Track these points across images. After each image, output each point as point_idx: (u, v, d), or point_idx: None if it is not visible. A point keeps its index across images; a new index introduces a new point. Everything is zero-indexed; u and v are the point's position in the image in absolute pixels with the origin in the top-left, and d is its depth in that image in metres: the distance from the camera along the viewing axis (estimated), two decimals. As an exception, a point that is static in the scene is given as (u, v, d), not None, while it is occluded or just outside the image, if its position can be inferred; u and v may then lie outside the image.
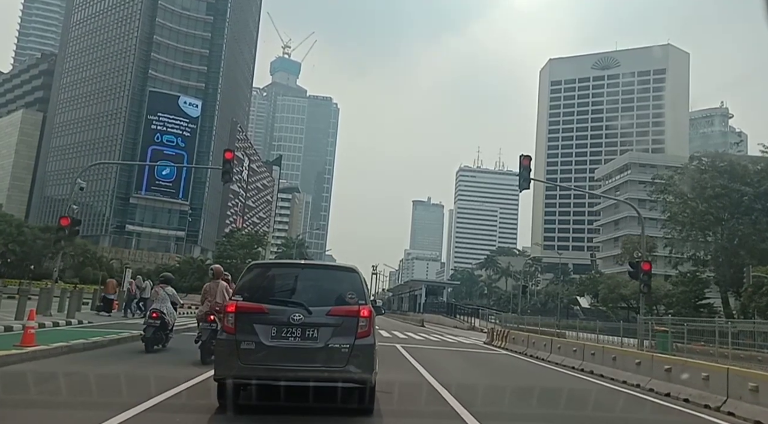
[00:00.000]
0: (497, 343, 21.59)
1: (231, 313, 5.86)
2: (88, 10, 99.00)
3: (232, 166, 20.11)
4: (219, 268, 10.81)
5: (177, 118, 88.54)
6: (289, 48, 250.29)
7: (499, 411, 7.41)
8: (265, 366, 5.64)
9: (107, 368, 8.82)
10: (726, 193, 41.68)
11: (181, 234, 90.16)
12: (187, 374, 7.77)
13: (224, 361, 5.78)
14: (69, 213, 22.40)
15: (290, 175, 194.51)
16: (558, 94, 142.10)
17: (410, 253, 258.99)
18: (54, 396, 6.55)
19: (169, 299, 11.87)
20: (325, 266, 7.68)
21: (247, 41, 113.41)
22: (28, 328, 9.87)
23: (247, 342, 5.66)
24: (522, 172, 18.65)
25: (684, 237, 45.49)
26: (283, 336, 5.73)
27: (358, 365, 5.72)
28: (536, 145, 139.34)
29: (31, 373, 7.78)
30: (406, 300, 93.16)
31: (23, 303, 14.65)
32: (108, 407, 5.65)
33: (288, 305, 5.88)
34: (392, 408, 6.80)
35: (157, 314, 11.31)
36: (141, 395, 6.37)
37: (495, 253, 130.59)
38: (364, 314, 5.91)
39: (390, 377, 8.32)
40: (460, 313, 51.59)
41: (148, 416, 5.66)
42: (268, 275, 6.52)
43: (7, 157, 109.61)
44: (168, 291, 11.97)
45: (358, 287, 6.17)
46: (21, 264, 58.13)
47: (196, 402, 6.18)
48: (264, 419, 5.97)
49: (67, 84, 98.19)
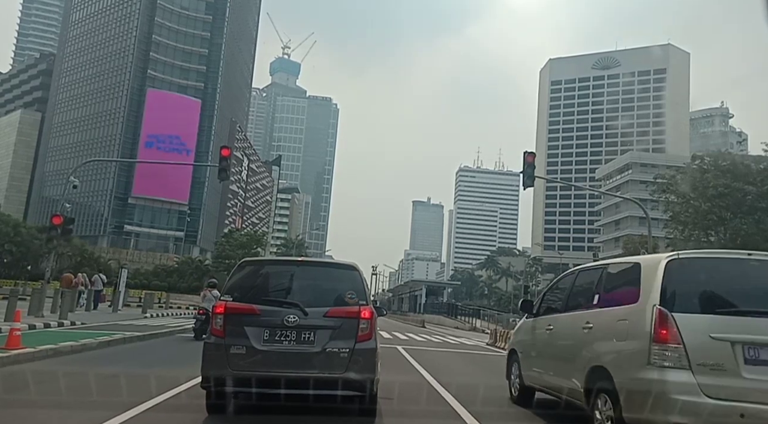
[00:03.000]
0: (500, 344, 21.19)
1: (220, 314, 5.42)
2: (86, 10, 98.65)
3: (229, 164, 19.70)
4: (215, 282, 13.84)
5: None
6: (288, 48, 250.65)
7: (500, 411, 7.30)
8: (257, 373, 5.20)
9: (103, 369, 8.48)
10: (729, 192, 41.30)
11: (180, 234, 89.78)
12: (188, 374, 7.49)
13: (212, 367, 5.31)
14: (62, 212, 21.99)
15: (290, 175, 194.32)
16: (558, 94, 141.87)
17: (410, 253, 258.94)
18: (50, 397, 6.41)
19: (214, 300, 13.56)
20: (323, 263, 7.17)
21: (247, 41, 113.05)
22: (13, 330, 9.48)
23: (237, 346, 5.23)
24: (526, 170, 18.22)
25: (686, 237, 45.09)
26: (276, 340, 5.30)
27: (358, 371, 5.28)
28: (536, 145, 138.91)
29: (19, 374, 7.63)
30: (406, 301, 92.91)
31: (13, 304, 14.20)
32: (108, 407, 5.53)
33: (282, 305, 5.45)
34: (392, 408, 6.59)
35: (203, 311, 14.56)
36: (141, 395, 6.25)
37: (495, 253, 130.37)
38: (365, 316, 5.47)
39: (391, 379, 8.02)
40: (461, 314, 51.23)
41: (148, 416, 5.50)
42: (260, 273, 6.07)
43: (5, 158, 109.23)
44: (213, 294, 14.91)
45: (359, 286, 5.73)
46: (18, 264, 57.75)
47: (196, 402, 5.86)
48: (264, 419, 5.76)
49: (66, 84, 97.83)
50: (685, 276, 4.89)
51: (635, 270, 5.32)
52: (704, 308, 4.73)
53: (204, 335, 12.20)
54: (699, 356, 4.48)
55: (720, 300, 4.83)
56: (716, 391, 4.39)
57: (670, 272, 4.86)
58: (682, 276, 4.87)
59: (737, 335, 4.54)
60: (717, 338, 4.51)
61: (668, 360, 4.52)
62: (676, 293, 4.77)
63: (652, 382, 4.52)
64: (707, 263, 5.20)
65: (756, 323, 4.58)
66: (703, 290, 4.88)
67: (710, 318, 4.65)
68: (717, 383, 4.41)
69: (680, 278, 4.85)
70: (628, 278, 5.38)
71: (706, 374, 4.44)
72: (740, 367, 4.46)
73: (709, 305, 4.76)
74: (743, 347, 4.50)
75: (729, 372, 4.44)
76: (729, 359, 4.47)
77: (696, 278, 4.94)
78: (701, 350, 4.49)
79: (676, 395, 4.40)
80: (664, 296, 4.74)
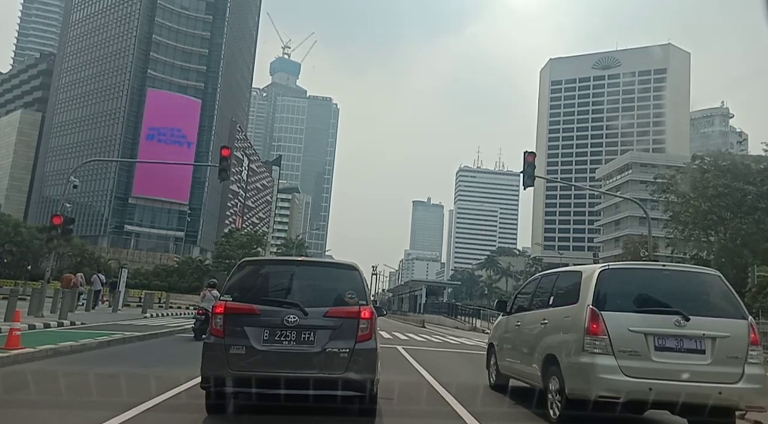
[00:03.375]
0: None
1: (219, 314, 5.40)
2: (86, 10, 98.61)
3: (229, 164, 19.69)
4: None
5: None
6: (288, 48, 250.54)
7: (500, 411, 7.30)
8: (256, 373, 5.19)
9: (103, 369, 8.48)
10: (729, 192, 41.32)
11: (180, 234, 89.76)
12: (187, 374, 7.50)
13: (212, 367, 5.29)
14: (62, 211, 21.99)
15: (290, 175, 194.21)
16: (558, 93, 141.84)
17: (410, 253, 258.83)
18: (50, 397, 6.40)
19: (214, 300, 13.57)
20: (323, 263, 7.13)
21: (247, 41, 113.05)
22: (13, 330, 9.48)
23: (236, 347, 5.22)
24: (526, 169, 18.19)
25: (686, 237, 45.13)
26: (276, 340, 5.29)
27: (358, 372, 5.27)
28: (536, 145, 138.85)
29: (18, 374, 7.61)
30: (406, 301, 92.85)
31: (13, 304, 14.19)
32: (108, 407, 5.52)
33: (282, 305, 5.44)
34: (392, 408, 6.60)
35: (203, 311, 14.49)
36: (141, 395, 6.24)
37: (495, 253, 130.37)
38: (365, 316, 5.46)
39: (391, 379, 8.02)
40: (461, 313, 51.13)
41: (148, 416, 5.49)
42: (260, 273, 6.05)
43: (5, 158, 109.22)
44: (213, 294, 14.86)
45: (359, 285, 5.72)
46: (18, 264, 57.77)
47: (195, 402, 5.85)
48: (264, 419, 5.74)
49: (66, 84, 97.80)
50: (612, 282, 6.18)
51: (577, 277, 6.61)
52: (625, 308, 5.98)
53: (204, 335, 12.34)
54: (620, 344, 5.74)
55: (637, 301, 6.08)
56: (632, 371, 5.64)
57: (602, 279, 6.14)
58: (611, 282, 6.16)
59: (649, 328, 5.80)
60: (634, 331, 5.78)
61: (597, 348, 5.77)
62: (605, 296, 6.02)
63: (586, 365, 5.78)
64: (630, 272, 6.73)
65: (663, 318, 5.83)
66: (625, 293, 6.16)
67: (629, 315, 5.90)
68: (633, 365, 5.66)
69: (609, 284, 6.12)
70: (572, 283, 6.64)
71: (625, 358, 5.69)
72: (651, 352, 5.72)
73: (629, 305, 6.04)
74: (654, 338, 5.77)
75: (642, 357, 5.70)
76: (642, 347, 5.74)
77: (621, 284, 6.28)
78: (622, 340, 5.76)
79: (602, 375, 5.66)
80: (596, 298, 5.99)
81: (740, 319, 6.02)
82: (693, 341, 5.80)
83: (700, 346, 5.79)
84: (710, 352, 5.79)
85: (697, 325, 5.80)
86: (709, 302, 6.22)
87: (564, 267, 8.34)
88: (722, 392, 5.65)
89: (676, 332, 5.77)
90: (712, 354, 5.78)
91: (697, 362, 5.74)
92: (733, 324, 5.95)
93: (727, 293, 6.25)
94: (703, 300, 6.23)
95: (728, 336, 5.86)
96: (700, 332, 5.79)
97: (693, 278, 6.57)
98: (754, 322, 6.18)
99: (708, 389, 5.63)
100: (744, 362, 5.82)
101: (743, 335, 5.92)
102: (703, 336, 5.80)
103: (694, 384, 5.64)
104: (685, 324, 5.78)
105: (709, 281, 6.43)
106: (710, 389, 5.63)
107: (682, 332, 5.77)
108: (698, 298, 6.24)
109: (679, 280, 6.47)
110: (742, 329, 5.94)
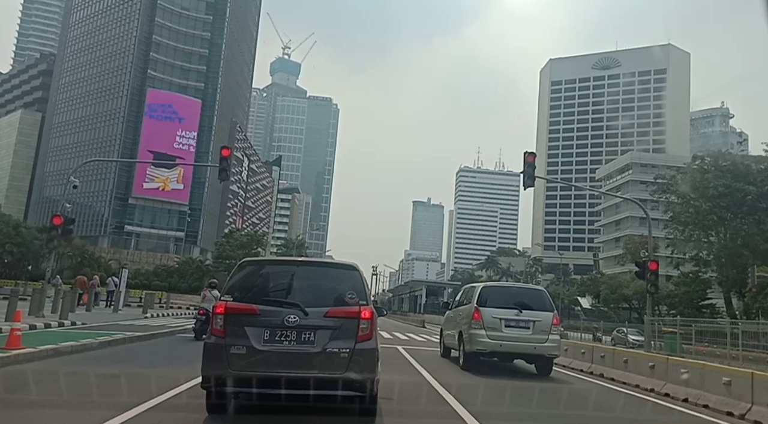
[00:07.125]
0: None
1: (220, 314, 5.40)
2: (87, 10, 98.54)
3: (229, 164, 19.71)
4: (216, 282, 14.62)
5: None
6: (288, 49, 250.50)
7: (500, 411, 7.34)
8: (257, 373, 5.19)
9: (104, 369, 8.47)
10: (729, 192, 41.18)
11: (180, 235, 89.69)
12: (188, 374, 7.52)
13: (212, 367, 5.28)
14: (62, 212, 21.98)
15: (290, 175, 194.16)
16: (558, 94, 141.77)
17: (410, 253, 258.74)
18: (50, 397, 6.40)
19: (214, 300, 13.70)
20: (323, 263, 7.14)
21: (247, 41, 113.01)
22: (14, 330, 9.48)
23: (237, 347, 5.21)
24: (527, 170, 18.20)
25: (686, 237, 44.99)
26: (276, 340, 5.29)
27: (358, 371, 5.27)
28: (537, 145, 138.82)
29: (19, 374, 7.62)
30: (406, 301, 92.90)
31: (14, 304, 14.19)
32: (109, 407, 5.53)
33: (282, 305, 5.43)
34: (392, 408, 6.61)
35: (204, 312, 14.70)
36: (142, 395, 6.25)
37: (495, 253, 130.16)
38: (366, 316, 5.46)
39: (391, 379, 8.05)
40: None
41: (149, 416, 5.50)
42: (261, 273, 6.03)
43: (5, 158, 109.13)
44: (214, 294, 15.14)
45: (359, 286, 5.72)
46: (18, 264, 57.73)
47: (196, 402, 5.86)
48: (264, 419, 5.74)
49: (66, 84, 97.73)
50: (487, 293, 12.01)
51: (473, 289, 12.64)
52: (492, 305, 11.59)
53: (204, 335, 12.35)
54: (488, 323, 11.35)
55: (498, 302, 11.73)
56: (493, 337, 11.24)
57: (482, 291, 12.07)
58: (486, 293, 11.98)
59: (502, 316, 11.39)
60: (495, 317, 11.38)
61: (476, 326, 11.43)
62: (484, 299, 11.75)
63: (472, 334, 11.47)
64: (497, 287, 14.43)
65: (509, 311, 11.44)
66: (493, 298, 11.82)
67: (494, 310, 11.49)
68: (493, 335, 11.26)
69: (485, 294, 11.95)
70: (471, 292, 12.59)
71: (490, 330, 11.29)
72: (502, 328, 11.35)
73: (495, 304, 11.66)
74: (504, 320, 11.38)
75: (498, 330, 11.32)
76: (499, 325, 11.35)
77: (491, 293, 12.09)
78: (489, 322, 11.36)
79: (479, 338, 11.32)
80: (479, 300, 11.74)
81: (550, 312, 11.63)
82: (523, 322, 11.34)
83: (526, 325, 11.34)
84: (532, 328, 11.34)
85: (526, 314, 11.36)
86: (535, 303, 11.69)
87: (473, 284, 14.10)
88: (536, 347, 11.31)
89: (515, 318, 11.36)
90: (532, 329, 11.33)
91: (525, 333, 11.30)
92: (545, 314, 11.51)
93: (547, 297, 12.10)
94: (532, 302, 11.69)
95: (542, 320, 11.39)
96: (527, 318, 11.33)
97: (529, 291, 13.61)
98: (557, 313, 11.86)
99: (529, 347, 11.34)
100: (549, 333, 11.39)
101: (549, 319, 11.46)
102: (528, 320, 11.34)
103: (523, 344, 11.32)
104: (521, 314, 11.36)
105: (538, 293, 12.52)
106: (530, 347, 11.33)
107: (518, 317, 11.35)
108: (530, 301, 11.75)
109: (522, 292, 13.26)
110: (549, 317, 11.49)
